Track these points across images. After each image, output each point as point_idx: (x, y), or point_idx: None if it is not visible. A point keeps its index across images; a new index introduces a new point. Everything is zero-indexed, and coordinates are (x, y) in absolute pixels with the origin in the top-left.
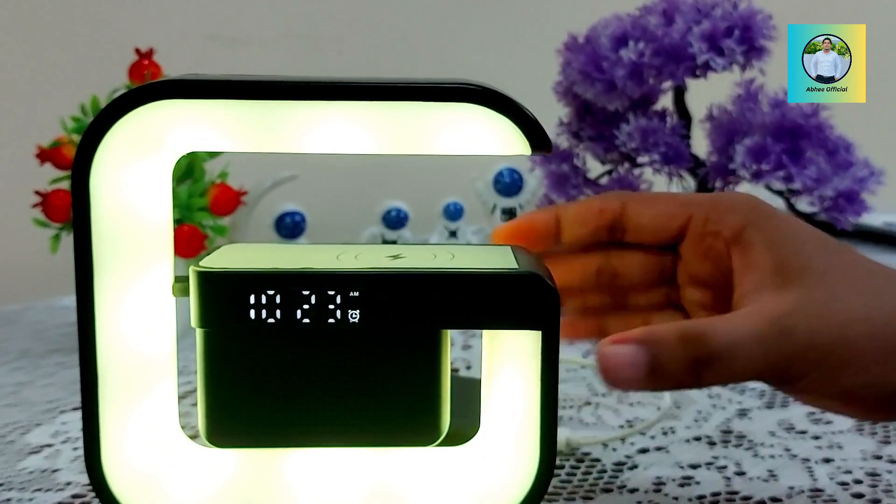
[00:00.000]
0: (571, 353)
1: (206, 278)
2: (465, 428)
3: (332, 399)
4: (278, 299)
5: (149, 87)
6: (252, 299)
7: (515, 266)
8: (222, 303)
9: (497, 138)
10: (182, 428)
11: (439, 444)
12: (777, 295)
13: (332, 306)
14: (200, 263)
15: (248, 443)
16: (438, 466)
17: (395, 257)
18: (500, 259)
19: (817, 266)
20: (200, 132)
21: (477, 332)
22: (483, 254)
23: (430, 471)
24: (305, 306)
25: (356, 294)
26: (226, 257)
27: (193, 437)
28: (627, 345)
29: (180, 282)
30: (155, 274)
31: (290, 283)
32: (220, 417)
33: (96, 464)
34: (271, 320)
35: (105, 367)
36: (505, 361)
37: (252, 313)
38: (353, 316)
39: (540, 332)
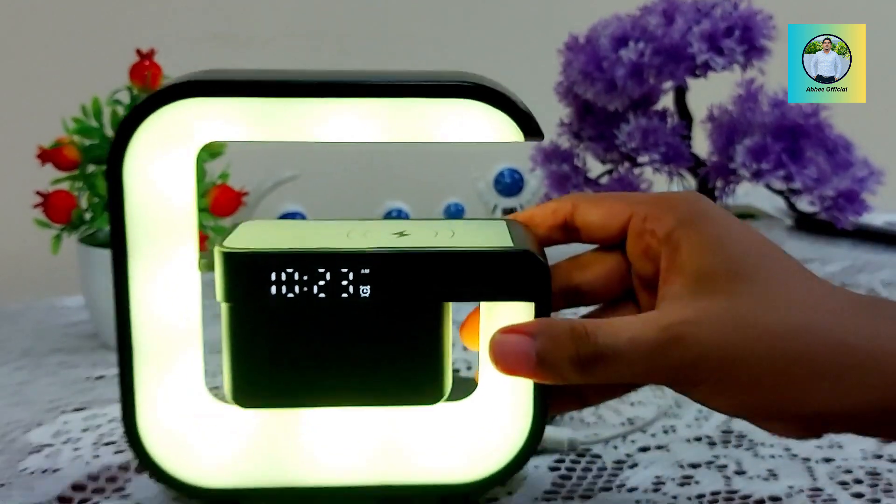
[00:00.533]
0: None
1: (231, 258)
2: None
3: (345, 365)
4: (297, 277)
5: (176, 86)
6: (273, 277)
7: (510, 243)
8: (246, 280)
9: (493, 129)
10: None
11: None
12: (688, 302)
13: (345, 282)
14: (224, 243)
15: (268, 404)
16: (441, 423)
17: (401, 234)
18: (497, 236)
19: (743, 272)
20: (222, 126)
21: None
22: (481, 230)
23: (433, 427)
24: (321, 283)
25: (367, 271)
26: (247, 236)
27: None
28: (519, 335)
29: (205, 258)
30: (182, 252)
31: (307, 262)
32: (244, 381)
33: (132, 423)
34: (290, 295)
35: (138, 336)
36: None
37: (273, 289)
38: (364, 291)
39: (533, 304)
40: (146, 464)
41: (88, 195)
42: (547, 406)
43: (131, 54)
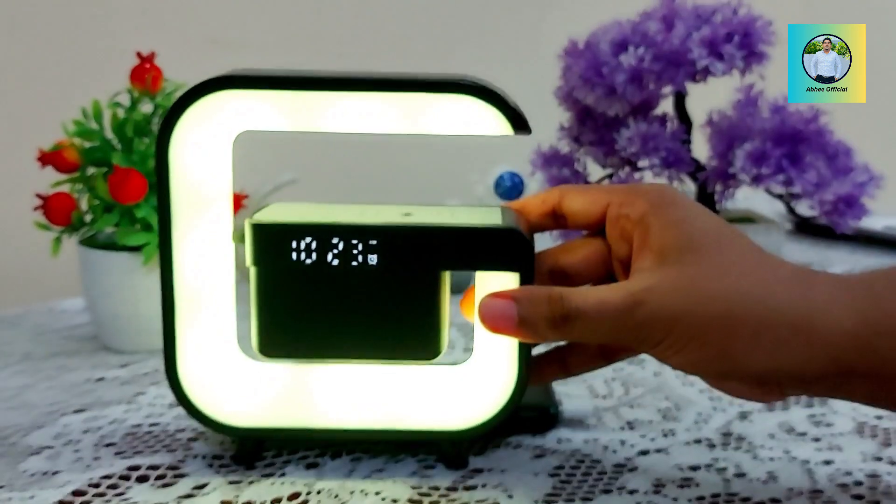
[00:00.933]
0: None
1: (259, 228)
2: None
3: (354, 323)
4: (314, 245)
5: (215, 79)
6: (293, 245)
7: (500, 222)
8: (270, 248)
9: (485, 123)
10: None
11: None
12: (652, 272)
13: (355, 251)
14: (254, 217)
15: (289, 355)
16: (439, 381)
17: (407, 215)
18: (490, 217)
19: (700, 247)
20: (252, 114)
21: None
22: (477, 213)
23: (432, 383)
24: (335, 251)
25: (374, 242)
26: (274, 211)
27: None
28: (504, 299)
29: (238, 231)
30: (217, 221)
31: (322, 232)
32: (268, 335)
33: (172, 368)
34: (308, 261)
35: (179, 295)
36: None
37: (293, 256)
38: (372, 259)
39: (518, 274)
40: (183, 403)
41: (89, 197)
42: (529, 366)
43: (132, 57)
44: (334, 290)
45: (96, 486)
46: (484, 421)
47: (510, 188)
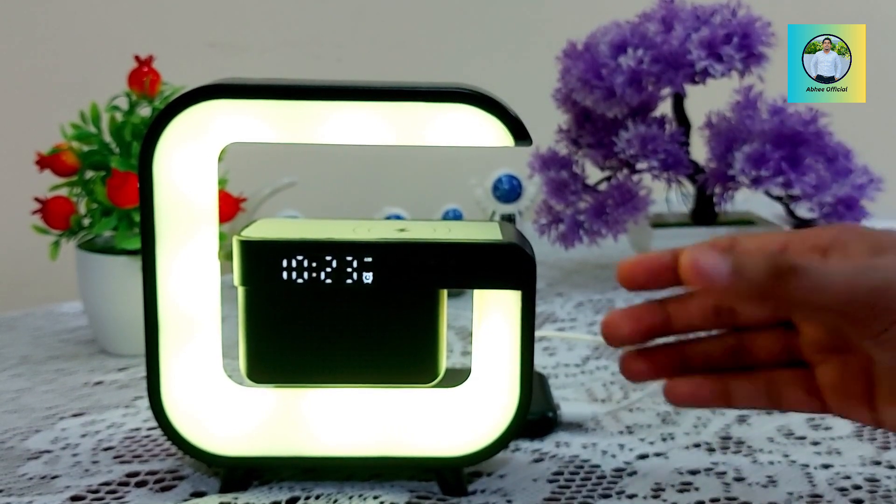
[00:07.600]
0: (570, 357)
1: (247, 246)
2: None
3: (349, 345)
4: (306, 263)
5: (200, 89)
6: (284, 263)
7: (500, 237)
8: (260, 266)
9: (485, 133)
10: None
11: (438, 385)
12: (872, 259)
13: (349, 269)
14: (242, 233)
15: (280, 380)
16: (437, 405)
17: (402, 230)
18: (489, 232)
19: None
20: (241, 126)
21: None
22: (474, 228)
23: (430, 408)
24: (328, 269)
25: (370, 260)
26: (262, 228)
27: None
28: (711, 253)
29: (224, 248)
30: (202, 240)
31: (315, 250)
32: (256, 359)
33: (156, 397)
34: (300, 280)
35: (163, 318)
36: (491, 316)
37: (284, 275)
38: (367, 278)
39: (520, 292)
40: (169, 434)
41: (87, 201)
42: (531, 388)
43: (130, 61)
44: (327, 311)
45: (95, 491)
46: (484, 446)
47: (508, 191)
